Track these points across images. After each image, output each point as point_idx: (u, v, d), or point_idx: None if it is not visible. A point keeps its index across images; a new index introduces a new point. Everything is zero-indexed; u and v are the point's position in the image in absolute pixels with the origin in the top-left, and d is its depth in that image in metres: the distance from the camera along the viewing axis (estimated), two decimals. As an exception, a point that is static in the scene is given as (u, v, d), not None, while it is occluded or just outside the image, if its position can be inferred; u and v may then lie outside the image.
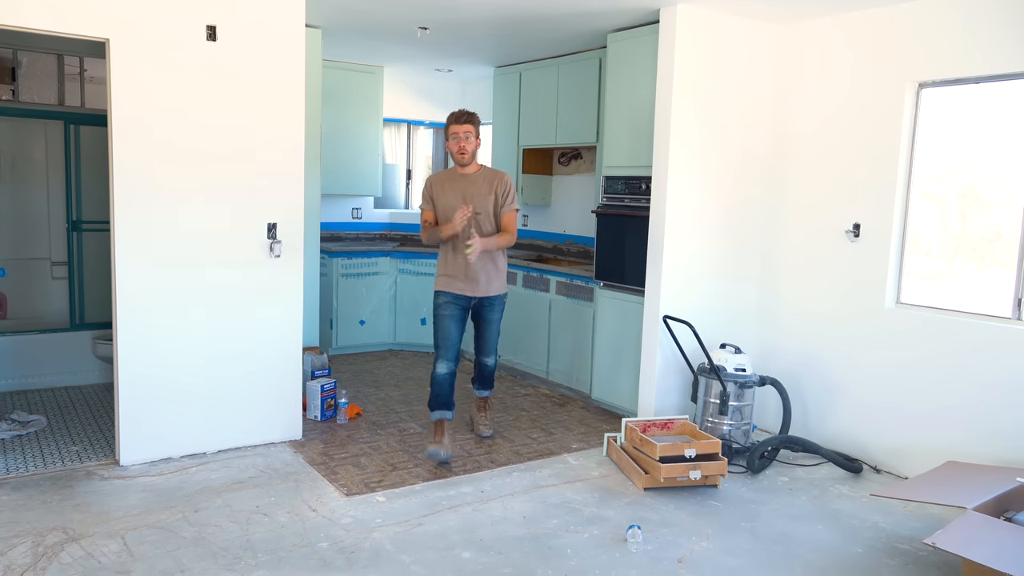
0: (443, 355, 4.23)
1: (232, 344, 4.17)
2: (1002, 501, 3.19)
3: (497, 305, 4.40)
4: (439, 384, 4.22)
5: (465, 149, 4.20)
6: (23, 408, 4.83)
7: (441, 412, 4.23)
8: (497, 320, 4.44)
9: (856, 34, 4.40)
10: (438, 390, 4.23)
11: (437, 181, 4.36)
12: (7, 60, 5.32)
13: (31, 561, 2.95)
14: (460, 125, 4.19)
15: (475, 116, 4.24)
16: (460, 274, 4.23)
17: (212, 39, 3.95)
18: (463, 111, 4.23)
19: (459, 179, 4.29)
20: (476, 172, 4.30)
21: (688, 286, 4.66)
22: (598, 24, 4.92)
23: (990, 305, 3.93)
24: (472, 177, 4.28)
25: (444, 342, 4.23)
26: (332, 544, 3.19)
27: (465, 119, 4.20)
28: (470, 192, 4.22)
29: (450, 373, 4.23)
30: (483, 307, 4.37)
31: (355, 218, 7.36)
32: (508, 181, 4.29)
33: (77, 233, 5.49)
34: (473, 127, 4.22)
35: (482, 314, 4.40)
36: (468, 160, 4.24)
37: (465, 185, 4.26)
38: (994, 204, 4.06)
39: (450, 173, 4.36)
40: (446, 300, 4.26)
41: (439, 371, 4.22)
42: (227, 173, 4.07)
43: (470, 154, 4.22)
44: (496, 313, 4.41)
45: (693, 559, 3.19)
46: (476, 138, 4.23)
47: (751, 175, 4.85)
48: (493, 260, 4.28)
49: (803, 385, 4.69)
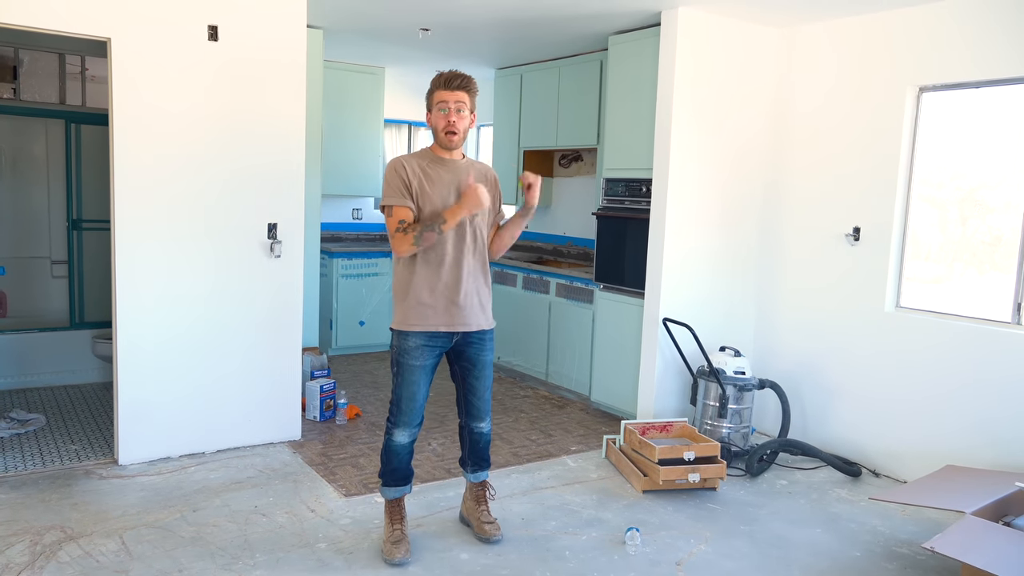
0: (407, 421, 3.12)
1: (232, 344, 4.17)
2: (1001, 506, 3.19)
3: (489, 342, 3.22)
4: (397, 456, 3.15)
5: (455, 126, 3.03)
6: (22, 407, 4.83)
7: (400, 489, 3.20)
8: (490, 363, 3.26)
9: (856, 38, 4.40)
10: (396, 463, 3.16)
11: (414, 167, 3.04)
12: (9, 59, 5.32)
13: (29, 560, 2.95)
14: (451, 91, 3.01)
15: (472, 82, 3.08)
16: (445, 300, 3.04)
17: (214, 39, 3.95)
18: (456, 72, 3.05)
19: (445, 166, 3.09)
20: (463, 162, 3.15)
21: (688, 289, 4.66)
22: (599, 27, 4.92)
23: (990, 309, 3.93)
24: (463, 165, 3.12)
25: (410, 404, 3.10)
26: (330, 545, 3.19)
27: (459, 84, 3.02)
28: (465, 184, 3.06)
29: (412, 442, 3.17)
30: (471, 347, 3.16)
31: (355, 219, 7.37)
32: (497, 178, 3.29)
33: (77, 232, 5.49)
34: (469, 97, 3.05)
35: (471, 356, 3.17)
36: (457, 142, 3.06)
37: (457, 175, 3.09)
38: (994, 208, 4.06)
39: (428, 158, 3.11)
40: (418, 344, 3.05)
41: (398, 440, 3.13)
42: (228, 173, 4.07)
43: (460, 134, 3.05)
44: (489, 352, 3.23)
45: (691, 562, 3.19)
46: (471, 113, 3.09)
47: (752, 177, 4.86)
48: (485, 276, 3.18)
49: (802, 388, 4.69)
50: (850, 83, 4.44)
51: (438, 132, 3.06)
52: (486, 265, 3.19)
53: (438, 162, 3.09)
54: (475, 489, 3.39)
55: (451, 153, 3.11)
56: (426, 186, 3.03)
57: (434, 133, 3.09)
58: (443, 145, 3.08)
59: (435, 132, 3.08)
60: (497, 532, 3.29)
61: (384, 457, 3.19)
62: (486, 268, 3.19)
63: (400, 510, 3.22)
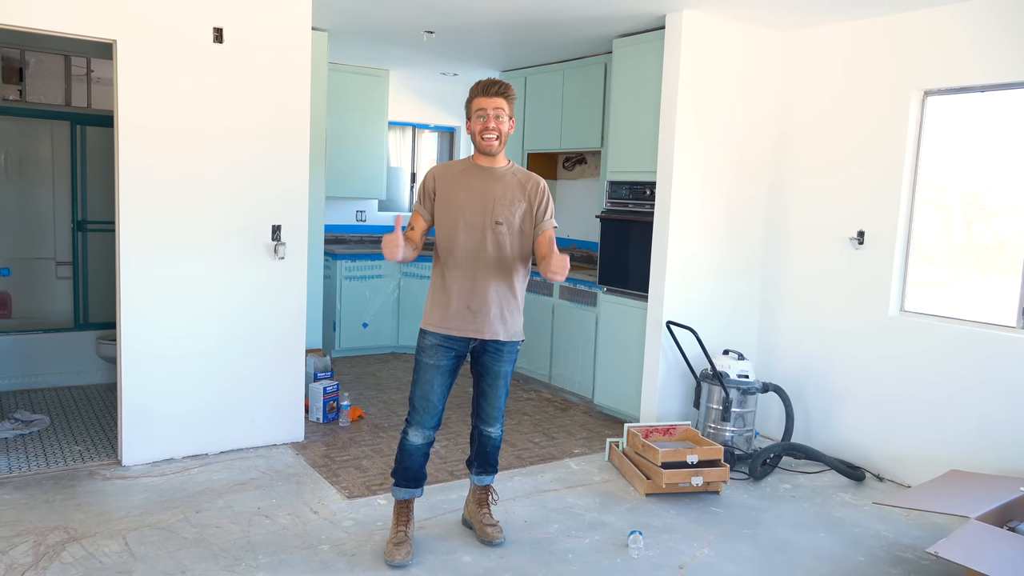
0: (420, 420, 3.13)
1: (235, 345, 4.18)
2: (1005, 511, 3.18)
3: (507, 355, 3.16)
4: (410, 456, 3.15)
5: (494, 130, 3.03)
6: (26, 407, 4.84)
7: (410, 491, 3.20)
8: (507, 375, 3.21)
9: (860, 42, 4.40)
10: (408, 462, 3.16)
11: (444, 175, 3.14)
12: (15, 60, 5.34)
13: (32, 560, 2.96)
14: (490, 98, 3.02)
15: (510, 89, 3.07)
16: (460, 305, 3.06)
17: (219, 41, 3.96)
18: (494, 80, 3.06)
19: (480, 174, 3.10)
20: (504, 168, 3.14)
21: (691, 292, 4.66)
22: (604, 30, 4.93)
23: (994, 314, 3.92)
24: (499, 173, 3.11)
25: (423, 403, 3.11)
26: (333, 546, 3.19)
27: (497, 90, 3.03)
28: (495, 192, 3.06)
29: (427, 444, 3.17)
30: (487, 355, 3.15)
31: (359, 221, 7.37)
32: (545, 188, 3.14)
33: (82, 233, 5.50)
34: (507, 103, 3.05)
35: (485, 364, 3.17)
36: (497, 148, 3.06)
37: (489, 183, 3.08)
38: (999, 212, 4.05)
39: (465, 165, 3.16)
40: (434, 343, 3.09)
41: (412, 440, 3.14)
42: (232, 175, 4.08)
43: (500, 139, 3.06)
44: (506, 365, 3.18)
45: (694, 565, 3.19)
46: (510, 119, 3.08)
47: (755, 181, 4.85)
48: (511, 288, 3.11)
49: (806, 392, 4.68)
50: (854, 87, 4.44)
51: (477, 138, 3.07)
52: (513, 276, 3.11)
53: (474, 170, 3.12)
54: (478, 492, 3.39)
55: (491, 160, 3.11)
56: (455, 193, 3.08)
57: (473, 140, 3.10)
58: (482, 151, 3.09)
59: (474, 138, 3.09)
60: (499, 535, 3.28)
61: (398, 455, 3.20)
62: (513, 279, 3.11)
63: (407, 512, 3.22)
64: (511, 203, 3.07)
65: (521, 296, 3.18)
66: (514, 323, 3.14)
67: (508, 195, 3.08)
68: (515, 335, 3.16)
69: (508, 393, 3.29)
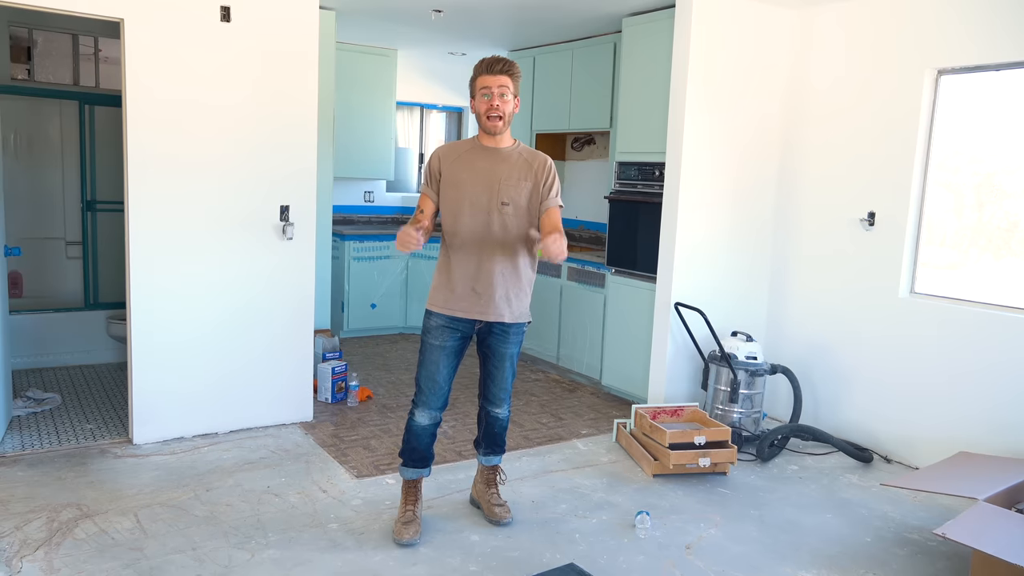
0: (426, 401, 3.14)
1: (244, 326, 4.19)
2: (1014, 492, 3.18)
3: (514, 336, 3.18)
4: (417, 436, 3.18)
5: (499, 110, 3.00)
6: (38, 386, 4.88)
7: (418, 471, 3.22)
8: (513, 356, 3.22)
9: (872, 20, 4.34)
10: (415, 443, 3.18)
11: (449, 155, 3.11)
12: (23, 39, 5.34)
13: (46, 536, 2.99)
14: (494, 76, 2.99)
15: (515, 67, 3.03)
16: (466, 287, 3.06)
17: (226, 20, 3.94)
18: (498, 57, 3.02)
19: (485, 154, 3.08)
20: (510, 147, 3.12)
21: (700, 273, 4.64)
22: (613, 8, 4.88)
23: (1005, 295, 3.90)
24: (505, 153, 3.09)
25: (429, 383, 3.12)
26: (342, 525, 3.22)
27: (501, 68, 3.00)
28: (500, 173, 3.04)
29: (433, 425, 3.18)
30: (493, 336, 3.15)
31: (367, 201, 7.37)
32: (552, 166, 3.12)
33: (91, 213, 5.52)
34: (512, 81, 3.01)
35: (491, 346, 3.18)
36: (501, 127, 3.03)
37: (494, 163, 3.06)
38: (1011, 194, 4.01)
39: (470, 145, 3.13)
40: (439, 325, 3.10)
41: (419, 421, 3.16)
42: (241, 155, 4.07)
43: (505, 118, 3.02)
44: (512, 346, 3.19)
45: (701, 545, 3.20)
46: (515, 97, 3.05)
47: (765, 161, 4.82)
48: (516, 271, 3.09)
49: (814, 373, 4.68)
50: (866, 66, 4.38)
51: (481, 117, 3.04)
52: (519, 257, 3.09)
53: (479, 150, 3.09)
54: (486, 472, 3.40)
55: (496, 140, 3.08)
56: (460, 174, 3.06)
57: (478, 119, 3.07)
58: (487, 130, 3.05)
59: (479, 118, 3.06)
60: (507, 515, 3.30)
61: (405, 435, 3.21)
62: (519, 261, 3.09)
63: (415, 492, 3.23)
64: (517, 183, 3.04)
65: (528, 277, 3.16)
66: (520, 304, 3.13)
67: (515, 175, 3.05)
68: (521, 316, 3.15)
69: (515, 374, 3.29)
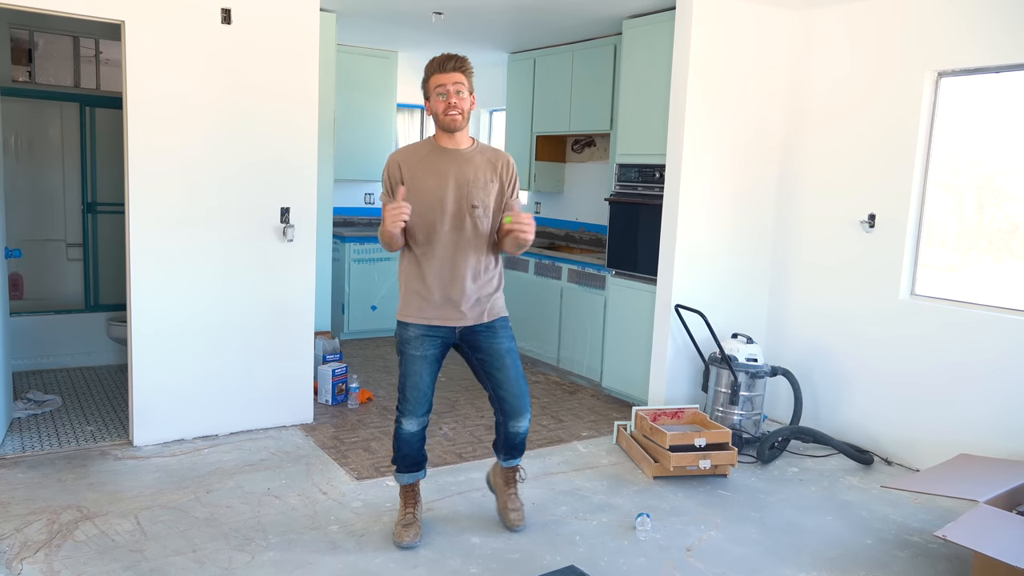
0: (411, 410, 3.07)
1: (245, 327, 4.20)
2: (1015, 495, 3.18)
3: (501, 329, 3.09)
4: (407, 443, 3.13)
5: (457, 106, 2.91)
6: (39, 388, 4.89)
7: (413, 474, 3.19)
8: (512, 350, 3.12)
9: (873, 22, 4.34)
10: (407, 449, 3.14)
11: (410, 159, 2.99)
12: (24, 42, 5.34)
13: (46, 538, 2.99)
14: (447, 74, 2.91)
15: (467, 63, 2.97)
16: (441, 295, 2.98)
17: (227, 22, 3.95)
18: (449, 55, 2.96)
19: (447, 156, 2.98)
20: (470, 148, 3.03)
21: (700, 275, 4.64)
22: (613, 10, 4.88)
23: (1006, 298, 3.90)
24: (467, 154, 3.00)
25: (414, 393, 3.06)
26: (342, 527, 3.22)
27: (454, 65, 2.92)
28: (467, 175, 2.96)
29: (422, 429, 3.13)
30: (479, 337, 3.07)
31: (367, 203, 7.37)
32: (514, 165, 3.10)
33: (92, 215, 5.52)
34: (465, 78, 2.94)
35: (482, 347, 3.08)
36: (461, 122, 2.95)
37: (456, 165, 2.97)
38: (1012, 196, 4.01)
39: (429, 148, 3.02)
40: (418, 335, 3.02)
41: (406, 428, 3.10)
42: (241, 157, 4.07)
43: (464, 118, 2.95)
44: (505, 340, 3.09)
45: (701, 548, 3.20)
46: (471, 94, 2.97)
47: (765, 163, 4.82)
48: (488, 271, 3.06)
49: (815, 375, 4.67)
50: (866, 68, 4.39)
51: (439, 116, 2.95)
52: (490, 257, 3.06)
53: (438, 152, 2.99)
54: (505, 473, 3.33)
55: (456, 139, 2.99)
56: (422, 178, 2.95)
57: (435, 119, 2.98)
58: (446, 128, 2.96)
59: (436, 118, 2.97)
60: (520, 521, 3.24)
61: (395, 444, 3.17)
62: (490, 261, 3.07)
63: (413, 495, 3.22)
64: (485, 185, 2.98)
65: (499, 274, 3.12)
66: (495, 303, 3.09)
67: (481, 177, 2.98)
68: (498, 312, 3.09)
69: (523, 375, 3.14)
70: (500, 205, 3.03)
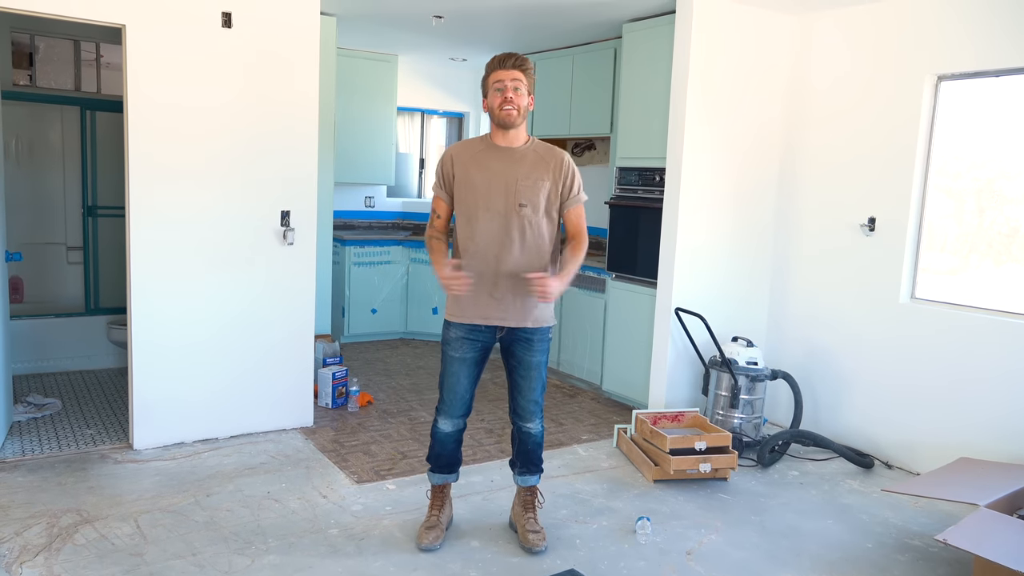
0: (448, 411, 3.09)
1: (245, 331, 4.20)
2: (1015, 498, 3.17)
3: (539, 343, 3.03)
4: (441, 443, 3.15)
5: (512, 102, 2.87)
6: (39, 391, 4.88)
7: (444, 476, 3.20)
8: (540, 365, 3.06)
9: (873, 26, 4.35)
10: (440, 449, 3.16)
11: (462, 155, 2.99)
12: (25, 45, 5.35)
13: (46, 542, 2.99)
14: (506, 71, 2.88)
15: (528, 62, 2.93)
16: (484, 294, 2.94)
17: (227, 26, 3.95)
18: (511, 53, 2.93)
19: (499, 154, 2.95)
20: (523, 145, 2.99)
21: (701, 279, 4.64)
22: (613, 14, 4.89)
23: (1006, 301, 3.90)
24: (519, 152, 2.96)
25: (450, 394, 3.07)
26: (342, 531, 3.21)
27: (514, 63, 2.89)
28: (517, 173, 2.92)
29: (457, 431, 3.14)
30: (517, 345, 3.02)
31: (368, 207, 7.37)
32: (570, 162, 3.01)
33: (92, 218, 5.53)
34: (524, 76, 2.90)
35: (516, 355, 3.04)
36: (516, 118, 2.90)
37: (510, 163, 2.93)
38: (1012, 199, 4.01)
39: (483, 145, 3.00)
40: (459, 336, 3.01)
41: (442, 428, 3.13)
42: (241, 160, 4.08)
43: (519, 114, 2.90)
44: (538, 355, 3.03)
45: (701, 551, 3.19)
46: (529, 94, 2.93)
47: (765, 167, 4.82)
48: (532, 269, 2.94)
49: (815, 379, 4.67)
50: (866, 72, 4.39)
51: (495, 111, 2.91)
52: (540, 260, 2.97)
53: (493, 150, 2.97)
54: (523, 494, 3.24)
55: (510, 137, 2.95)
56: (472, 175, 2.94)
57: (491, 115, 2.94)
58: (501, 124, 2.92)
59: (492, 113, 2.93)
60: (541, 543, 3.12)
61: (431, 442, 3.18)
62: (540, 263, 2.96)
63: (441, 497, 3.21)
64: (535, 183, 2.92)
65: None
66: (543, 309, 3.00)
67: (532, 175, 2.93)
68: (544, 321, 3.02)
69: (545, 387, 3.13)
70: (554, 203, 2.98)
